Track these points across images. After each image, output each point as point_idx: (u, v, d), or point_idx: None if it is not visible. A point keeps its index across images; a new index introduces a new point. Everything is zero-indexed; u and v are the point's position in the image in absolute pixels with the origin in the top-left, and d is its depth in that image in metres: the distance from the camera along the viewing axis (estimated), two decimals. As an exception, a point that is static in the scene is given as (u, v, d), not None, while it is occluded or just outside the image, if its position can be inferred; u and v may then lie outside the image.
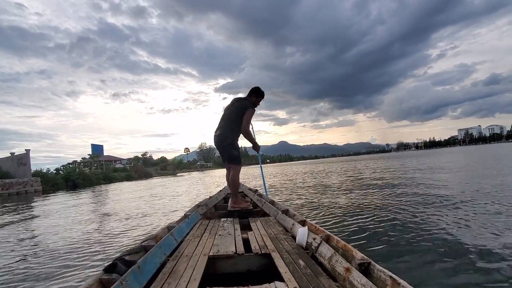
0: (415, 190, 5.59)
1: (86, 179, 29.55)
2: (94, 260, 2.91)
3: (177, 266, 1.56)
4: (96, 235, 4.08)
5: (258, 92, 3.38)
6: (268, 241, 1.97)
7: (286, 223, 2.34)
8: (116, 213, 6.20)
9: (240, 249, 1.81)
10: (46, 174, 28.46)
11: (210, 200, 3.71)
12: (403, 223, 3.27)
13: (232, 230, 2.35)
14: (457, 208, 3.78)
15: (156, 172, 50.26)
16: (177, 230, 2.11)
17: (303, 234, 1.84)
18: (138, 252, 1.64)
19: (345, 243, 1.52)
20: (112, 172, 38.19)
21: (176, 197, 8.83)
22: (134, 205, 7.52)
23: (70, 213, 7.09)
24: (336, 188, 7.38)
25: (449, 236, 2.68)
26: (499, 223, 2.95)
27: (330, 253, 1.47)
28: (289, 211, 2.65)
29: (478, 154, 23.13)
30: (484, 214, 3.31)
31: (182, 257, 1.72)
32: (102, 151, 52.51)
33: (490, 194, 4.47)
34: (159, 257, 1.59)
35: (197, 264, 1.58)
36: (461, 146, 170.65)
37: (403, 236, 2.82)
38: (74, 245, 3.63)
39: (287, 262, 1.55)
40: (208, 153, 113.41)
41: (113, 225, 4.75)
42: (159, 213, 5.67)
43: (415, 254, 2.34)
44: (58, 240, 4.01)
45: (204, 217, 2.98)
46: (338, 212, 4.10)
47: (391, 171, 11.13)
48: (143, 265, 1.38)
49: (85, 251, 3.27)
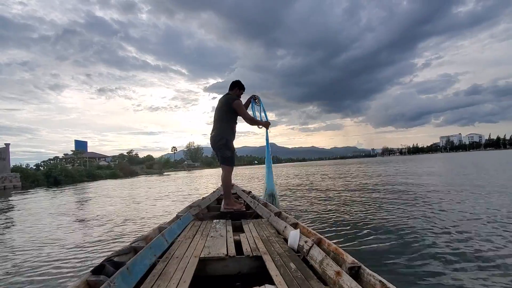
0: (407, 195, 5.65)
1: (69, 176, 28.56)
2: (63, 268, 2.63)
3: (167, 268, 1.55)
4: (71, 238, 3.81)
5: (239, 85, 3.48)
6: (260, 243, 1.98)
7: (279, 226, 2.35)
8: (94, 214, 5.97)
9: (231, 251, 1.81)
10: (26, 170, 27.36)
11: (203, 201, 3.67)
12: (395, 227, 3.29)
13: (224, 231, 2.34)
14: (449, 213, 3.86)
15: (142, 171, 49.23)
16: (168, 231, 2.09)
17: (294, 237, 1.86)
18: (127, 253, 1.62)
19: (336, 247, 1.54)
20: (95, 170, 37.10)
21: (159, 199, 8.69)
22: (114, 206, 7.30)
23: (48, 211, 6.81)
24: (331, 190, 7.47)
25: (439, 241, 2.72)
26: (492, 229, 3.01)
27: (321, 256, 1.49)
28: (282, 213, 2.66)
29: (460, 161, 23.95)
30: (476, 224, 3.29)
31: (172, 258, 1.71)
32: (86, 147, 51.01)
33: (481, 202, 4.55)
34: (148, 258, 1.57)
35: (187, 266, 1.58)
36: (443, 153, 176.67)
37: (394, 240, 2.83)
38: (47, 247, 3.40)
39: (278, 265, 1.56)
40: (196, 153, 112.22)
41: (91, 228, 4.47)
42: (140, 216, 5.48)
43: (405, 258, 2.34)
44: (30, 241, 3.80)
45: (196, 218, 2.96)
46: (332, 215, 4.14)
47: (385, 176, 11.25)
48: (132, 266, 1.36)
49: (58, 255, 3.03)
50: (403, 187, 7.11)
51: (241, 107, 3.28)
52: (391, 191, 6.47)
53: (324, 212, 4.40)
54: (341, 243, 2.77)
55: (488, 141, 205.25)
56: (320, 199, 5.94)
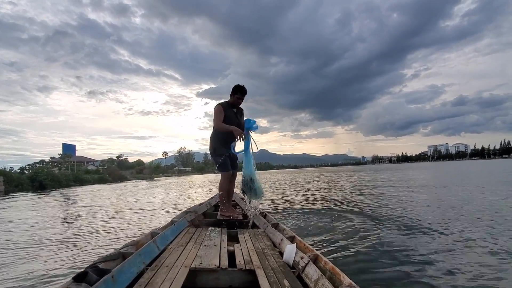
0: (403, 208, 5.56)
1: (55, 180, 27.72)
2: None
3: (155, 277, 1.46)
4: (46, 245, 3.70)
5: (233, 89, 3.16)
6: (254, 255, 1.89)
7: (275, 238, 2.26)
8: (79, 220, 5.80)
9: (224, 262, 1.72)
10: (10, 173, 26.42)
11: (199, 206, 3.52)
12: (390, 245, 3.12)
13: (219, 241, 2.23)
14: (445, 229, 3.70)
15: (132, 176, 48.31)
16: (160, 238, 1.99)
17: (290, 252, 1.79)
18: (115, 259, 1.54)
19: (333, 266, 1.48)
20: (83, 174, 36.19)
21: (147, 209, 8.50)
22: (101, 213, 7.11)
23: (28, 216, 6.58)
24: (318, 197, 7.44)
25: (438, 259, 2.63)
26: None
27: (317, 275, 1.43)
28: (279, 225, 2.57)
29: (448, 170, 24.47)
30: (478, 245, 3.08)
31: (162, 267, 1.61)
32: (74, 151, 49.70)
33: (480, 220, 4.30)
34: (137, 266, 1.49)
35: (176, 276, 1.49)
36: (430, 162, 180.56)
37: (391, 259, 2.67)
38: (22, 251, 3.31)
39: (271, 281, 1.48)
40: (187, 158, 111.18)
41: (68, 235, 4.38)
42: (123, 224, 5.31)
43: (404, 281, 2.22)
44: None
45: (191, 225, 2.83)
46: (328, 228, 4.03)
47: (379, 185, 11.28)
48: (117, 274, 1.28)
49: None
50: (405, 199, 7.13)
51: (215, 114, 3.07)
52: (391, 203, 6.46)
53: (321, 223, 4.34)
54: (337, 259, 2.64)
55: (473, 151, 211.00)
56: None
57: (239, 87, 3.13)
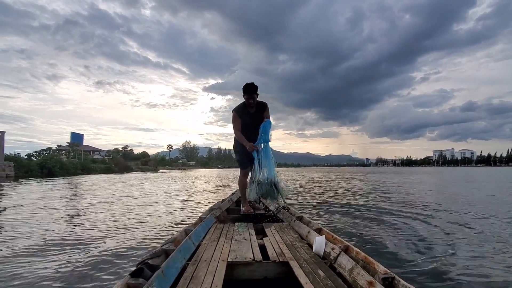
0: (416, 206, 5.75)
1: (63, 168, 28.19)
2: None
3: (197, 271, 1.56)
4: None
5: (243, 89, 3.01)
6: (285, 248, 1.95)
7: (301, 230, 2.33)
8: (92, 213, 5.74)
9: (257, 255, 1.79)
10: (20, 159, 26.95)
11: (223, 203, 3.70)
12: (422, 235, 3.30)
13: (248, 235, 2.33)
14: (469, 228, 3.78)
15: (137, 167, 48.81)
16: (194, 234, 2.09)
17: (320, 243, 1.85)
18: (159, 255, 1.64)
19: (366, 255, 1.52)
20: (90, 163, 36.72)
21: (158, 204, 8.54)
22: (110, 205, 7.18)
23: (43, 204, 6.70)
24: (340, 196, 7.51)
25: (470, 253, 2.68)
26: None
27: (351, 264, 1.46)
28: (303, 217, 2.64)
29: (456, 175, 24.21)
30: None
31: (201, 262, 1.71)
32: (82, 140, 50.52)
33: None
34: (179, 261, 1.59)
35: (216, 269, 1.58)
36: (435, 167, 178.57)
37: (424, 249, 2.80)
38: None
39: (306, 271, 1.52)
40: (192, 152, 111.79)
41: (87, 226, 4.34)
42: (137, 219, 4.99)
43: (438, 270, 2.26)
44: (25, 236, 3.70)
45: (218, 221, 2.95)
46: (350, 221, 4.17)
47: (395, 187, 11.12)
48: (166, 269, 1.38)
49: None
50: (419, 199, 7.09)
51: (232, 122, 3.11)
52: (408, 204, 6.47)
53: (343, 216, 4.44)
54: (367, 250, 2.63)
55: (479, 158, 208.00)
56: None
57: (245, 87, 2.99)
